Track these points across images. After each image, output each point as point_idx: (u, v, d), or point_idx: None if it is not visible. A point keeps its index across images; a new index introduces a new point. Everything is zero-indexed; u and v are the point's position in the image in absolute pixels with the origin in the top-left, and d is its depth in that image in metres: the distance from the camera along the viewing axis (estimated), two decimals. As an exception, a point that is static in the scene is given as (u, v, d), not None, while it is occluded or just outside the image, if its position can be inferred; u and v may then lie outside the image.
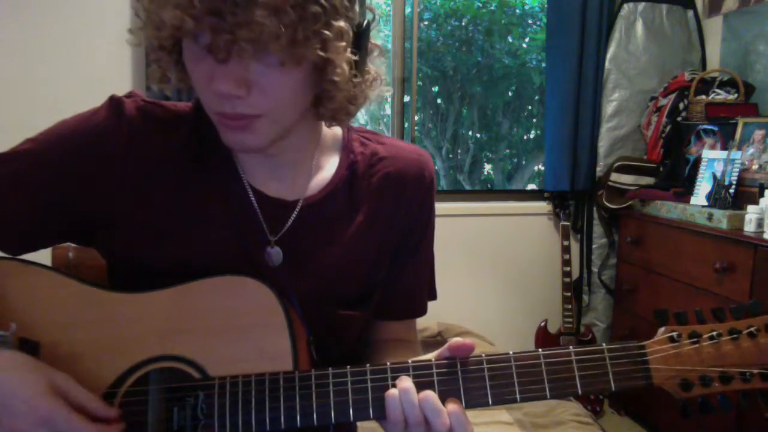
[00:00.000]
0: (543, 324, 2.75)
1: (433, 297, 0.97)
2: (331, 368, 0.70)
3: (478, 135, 3.90)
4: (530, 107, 3.82)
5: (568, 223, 2.73)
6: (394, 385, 0.68)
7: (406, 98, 2.83)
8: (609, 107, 2.72)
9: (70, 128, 0.77)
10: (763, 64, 2.44)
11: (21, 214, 0.76)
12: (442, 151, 3.83)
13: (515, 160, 3.97)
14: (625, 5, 2.69)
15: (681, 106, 2.54)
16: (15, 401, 0.63)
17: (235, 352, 0.72)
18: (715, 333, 0.68)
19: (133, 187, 0.77)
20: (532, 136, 3.91)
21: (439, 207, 0.92)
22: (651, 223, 2.43)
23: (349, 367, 0.70)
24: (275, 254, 0.80)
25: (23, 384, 0.65)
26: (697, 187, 2.24)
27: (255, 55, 0.64)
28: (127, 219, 0.77)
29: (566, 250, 2.69)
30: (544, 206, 2.86)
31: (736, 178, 2.12)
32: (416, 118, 2.90)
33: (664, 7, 2.71)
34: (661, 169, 2.58)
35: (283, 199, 0.81)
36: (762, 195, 1.99)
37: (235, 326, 0.73)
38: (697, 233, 2.13)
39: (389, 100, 2.79)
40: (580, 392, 0.69)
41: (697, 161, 2.32)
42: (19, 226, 0.77)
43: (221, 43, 0.62)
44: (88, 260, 1.02)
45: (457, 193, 3.30)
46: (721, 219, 2.03)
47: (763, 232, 1.89)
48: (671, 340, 0.68)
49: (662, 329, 0.70)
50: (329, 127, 0.86)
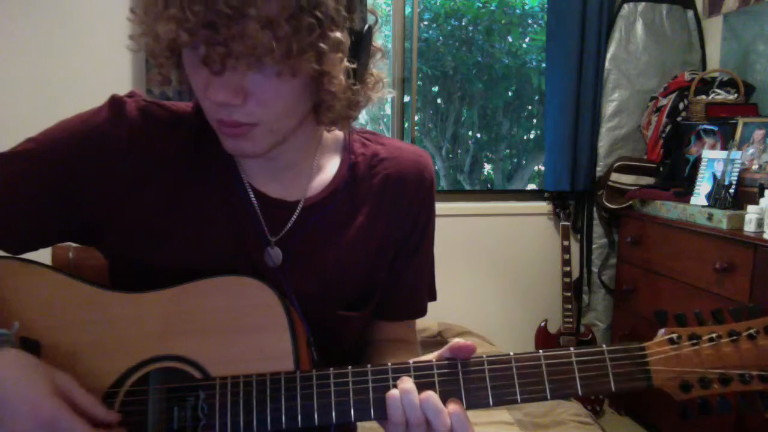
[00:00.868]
0: (543, 324, 2.75)
1: (434, 297, 0.97)
2: (332, 368, 0.71)
3: (478, 135, 3.90)
4: (530, 107, 3.82)
5: (568, 223, 2.73)
6: (395, 386, 0.68)
7: (406, 98, 2.84)
8: (609, 107, 2.72)
9: (71, 128, 0.78)
10: (763, 64, 2.44)
11: (21, 213, 0.77)
12: (442, 151, 3.83)
13: (515, 160, 3.97)
14: (625, 5, 2.69)
15: (681, 106, 2.54)
16: (18, 402, 0.63)
17: (236, 352, 0.73)
18: (714, 335, 0.68)
19: (134, 187, 0.77)
20: (532, 136, 3.91)
21: (439, 207, 0.92)
22: (651, 223, 2.43)
23: (350, 367, 0.71)
24: (275, 255, 0.80)
25: (26, 385, 0.64)
26: (697, 187, 2.24)
27: (250, 67, 0.64)
28: (128, 218, 0.78)
29: (566, 250, 2.69)
30: (544, 206, 2.86)
31: (736, 178, 2.12)
32: (416, 118, 2.90)
33: (664, 7, 2.71)
34: (661, 169, 2.58)
35: (283, 199, 0.81)
36: (762, 195, 1.99)
37: (236, 326, 0.73)
38: (697, 233, 2.13)
39: (389, 100, 2.79)
40: (581, 393, 0.69)
41: (697, 161, 2.32)
42: (19, 226, 0.77)
43: (215, 56, 0.62)
44: (88, 260, 1.03)
45: (457, 193, 3.30)
46: (721, 219, 2.03)
47: (763, 232, 1.89)
48: (671, 341, 0.69)
49: (662, 331, 0.70)
50: (329, 132, 0.86)
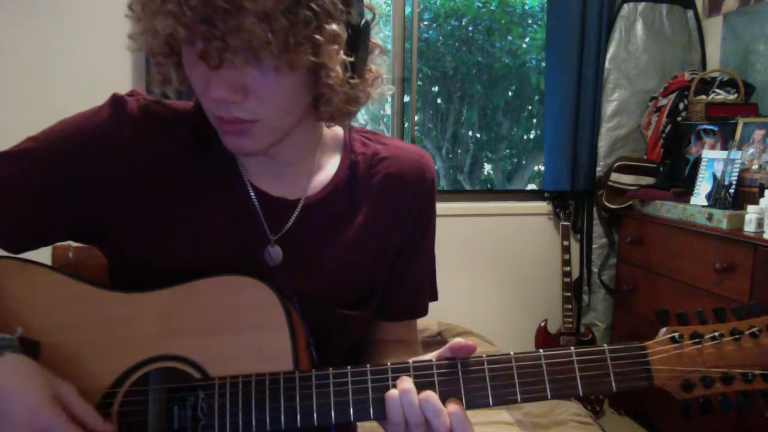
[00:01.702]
0: (543, 324, 2.75)
1: (435, 297, 0.97)
2: (331, 368, 0.70)
3: (478, 135, 3.90)
4: (530, 107, 3.82)
5: (568, 223, 2.73)
6: (395, 386, 0.68)
7: (406, 98, 2.83)
8: (609, 107, 2.72)
9: (72, 127, 0.77)
10: (763, 64, 2.44)
11: (22, 212, 0.76)
12: (442, 151, 3.83)
13: (515, 160, 3.97)
14: (625, 5, 2.69)
15: (681, 106, 2.54)
16: (18, 408, 0.63)
17: (235, 352, 0.72)
18: (716, 333, 0.68)
19: (136, 185, 0.77)
20: (532, 136, 3.91)
21: (439, 207, 0.92)
22: (651, 223, 2.43)
23: (349, 367, 0.70)
24: (275, 253, 0.80)
25: (26, 392, 0.64)
26: (697, 187, 2.24)
27: (247, 62, 0.64)
28: (129, 216, 0.77)
29: (566, 250, 2.69)
30: (544, 206, 2.86)
31: (736, 178, 2.12)
32: (416, 118, 2.90)
33: (664, 7, 2.71)
34: (661, 169, 2.58)
35: (284, 198, 0.81)
36: (762, 195, 1.99)
37: (235, 326, 0.73)
38: (697, 233, 2.13)
39: (389, 100, 2.79)
40: (581, 393, 0.68)
41: (697, 161, 2.32)
42: (20, 225, 0.77)
43: (213, 51, 0.62)
44: (88, 260, 1.02)
45: (457, 193, 3.30)
46: (721, 219, 2.03)
47: (763, 232, 1.89)
48: (673, 340, 0.68)
49: (664, 330, 0.69)
50: (329, 128, 0.86)
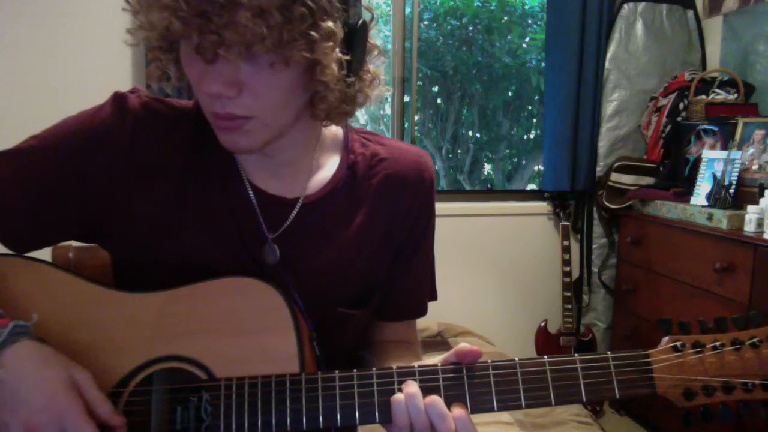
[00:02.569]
0: (543, 324, 2.75)
1: (434, 297, 0.97)
2: (337, 371, 0.71)
3: (478, 135, 3.91)
4: (530, 107, 3.82)
5: (568, 223, 2.74)
6: (400, 390, 0.69)
7: (406, 98, 2.83)
8: (609, 107, 2.72)
9: (74, 125, 0.78)
10: (763, 64, 2.44)
11: (26, 211, 0.77)
12: (442, 151, 3.83)
13: (515, 160, 3.98)
14: (625, 5, 2.69)
15: (681, 106, 2.54)
16: (35, 393, 0.64)
17: (241, 353, 0.73)
18: (718, 343, 0.69)
19: (137, 182, 0.78)
20: (532, 136, 3.91)
21: (439, 207, 0.93)
22: (651, 223, 2.43)
23: (355, 370, 0.71)
24: (273, 252, 0.80)
25: (44, 377, 0.65)
26: (697, 187, 2.25)
27: (242, 57, 0.64)
28: (131, 214, 0.78)
29: (566, 250, 2.69)
30: (544, 206, 2.86)
31: (736, 178, 2.12)
32: (416, 118, 2.90)
33: (664, 7, 2.71)
34: (661, 169, 2.58)
35: (282, 197, 0.82)
36: (762, 195, 1.99)
37: (241, 327, 0.74)
38: (697, 233, 2.13)
39: (389, 100, 2.79)
40: (585, 399, 0.69)
41: (697, 161, 2.33)
42: (24, 224, 0.78)
43: (207, 45, 0.63)
44: (88, 260, 1.03)
45: (457, 193, 3.30)
46: (721, 219, 2.03)
47: (763, 232, 1.90)
48: (675, 349, 0.69)
49: (666, 338, 0.70)
50: (326, 127, 0.86)
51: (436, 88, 3.72)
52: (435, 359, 0.73)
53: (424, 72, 3.57)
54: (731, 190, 2.10)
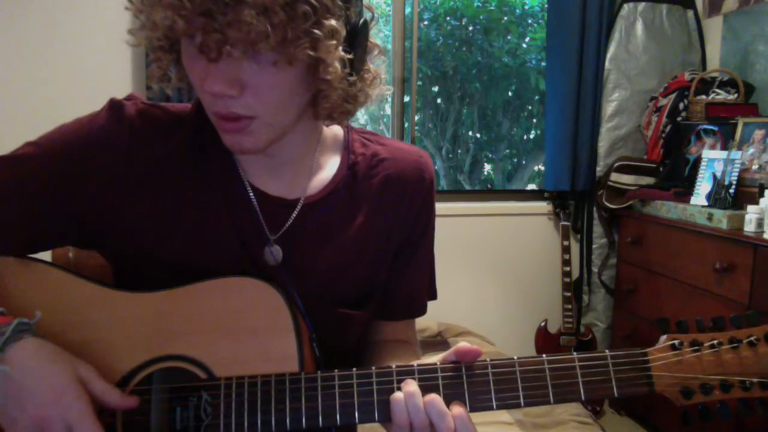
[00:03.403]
0: (543, 324, 2.75)
1: (434, 297, 0.97)
2: (336, 371, 0.71)
3: (478, 135, 3.91)
4: (530, 107, 3.82)
5: (568, 223, 2.74)
6: (400, 389, 0.69)
7: (406, 98, 2.84)
8: (609, 107, 2.72)
9: (70, 132, 0.78)
10: (763, 64, 2.44)
11: (22, 217, 0.77)
12: (442, 151, 3.83)
13: (515, 160, 3.98)
14: (625, 5, 2.69)
15: (681, 106, 2.54)
16: (43, 389, 0.65)
17: (241, 352, 0.73)
18: (716, 341, 0.69)
19: (135, 188, 0.77)
20: (532, 136, 3.91)
21: (439, 207, 0.93)
22: (651, 223, 2.43)
23: (354, 369, 0.71)
24: (275, 253, 0.80)
25: (51, 374, 0.66)
26: (697, 187, 2.25)
27: (246, 55, 0.64)
28: (129, 220, 0.78)
29: (566, 250, 2.69)
30: (544, 206, 2.86)
31: (736, 178, 2.12)
32: (416, 118, 2.91)
33: (664, 7, 2.71)
34: (661, 169, 2.58)
35: (283, 197, 0.82)
36: (762, 195, 1.99)
37: (241, 327, 0.74)
38: (697, 233, 2.13)
39: (389, 100, 2.79)
40: (584, 398, 0.69)
41: (697, 161, 2.33)
42: (20, 230, 0.77)
43: (212, 43, 0.63)
44: (88, 260, 1.03)
45: (457, 193, 3.30)
46: (721, 219, 2.03)
47: (763, 232, 1.90)
48: (673, 347, 0.69)
49: (664, 337, 0.70)
50: (327, 126, 0.86)
51: (436, 88, 3.72)
52: (434, 358, 0.73)
53: (424, 72, 3.57)
54: (731, 190, 2.11)
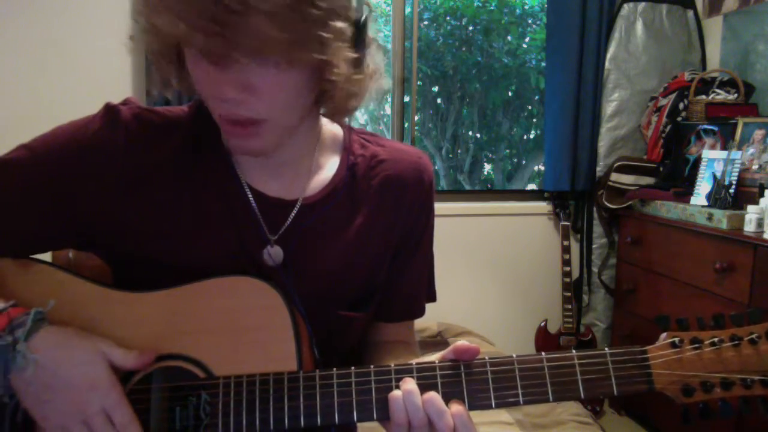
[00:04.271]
0: (543, 324, 2.75)
1: (433, 298, 0.97)
2: (335, 369, 0.71)
3: (478, 135, 3.91)
4: (530, 107, 3.82)
5: (568, 223, 2.74)
6: (398, 387, 0.68)
7: (406, 98, 2.83)
8: (609, 107, 2.72)
9: (65, 136, 0.77)
10: (763, 64, 2.44)
11: (17, 222, 0.76)
12: (442, 151, 3.83)
13: (515, 160, 3.98)
14: (625, 5, 2.69)
15: (681, 106, 2.54)
16: (77, 378, 0.68)
17: (240, 352, 0.73)
18: (716, 339, 0.68)
19: (131, 192, 0.77)
20: (532, 136, 3.91)
21: (439, 207, 0.93)
22: (651, 223, 2.43)
23: (353, 368, 0.71)
24: (275, 253, 0.80)
25: (81, 362, 0.69)
26: (697, 187, 2.25)
27: (254, 60, 0.64)
28: (126, 223, 0.77)
29: (566, 250, 2.69)
30: (544, 206, 2.86)
31: (736, 178, 2.12)
32: (416, 118, 2.90)
33: (664, 7, 2.71)
34: (661, 169, 2.58)
35: (282, 198, 0.81)
36: (762, 195, 1.99)
37: (240, 326, 0.74)
38: (697, 233, 2.13)
39: (389, 100, 2.79)
40: (583, 396, 0.69)
41: (697, 161, 2.33)
42: (15, 234, 0.77)
43: (215, 48, 0.62)
44: (87, 260, 1.03)
45: (457, 193, 3.30)
46: (721, 219, 2.03)
47: (763, 232, 1.89)
48: (673, 345, 0.69)
49: (664, 335, 0.70)
50: (331, 122, 0.86)
51: (436, 88, 3.72)
52: (432, 357, 0.73)
53: (424, 72, 3.57)
54: (731, 190, 2.10)
